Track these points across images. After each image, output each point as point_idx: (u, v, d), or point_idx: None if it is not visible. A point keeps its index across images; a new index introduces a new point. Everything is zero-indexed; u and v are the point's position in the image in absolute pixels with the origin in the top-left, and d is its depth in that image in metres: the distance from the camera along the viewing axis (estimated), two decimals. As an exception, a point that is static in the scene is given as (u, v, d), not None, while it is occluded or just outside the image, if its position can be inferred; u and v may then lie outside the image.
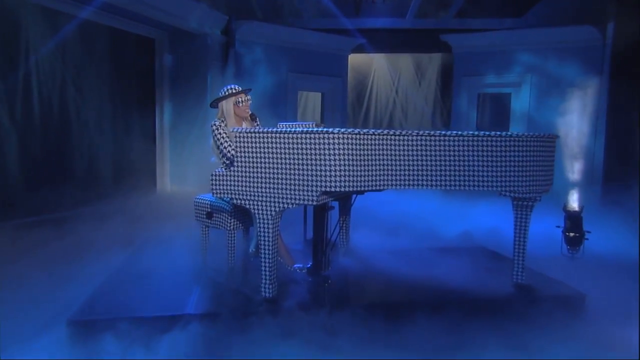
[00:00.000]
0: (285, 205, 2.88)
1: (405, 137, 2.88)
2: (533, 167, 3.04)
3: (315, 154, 2.71)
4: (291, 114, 8.51)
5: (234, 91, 3.81)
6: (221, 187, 3.09)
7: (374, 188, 2.82)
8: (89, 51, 6.41)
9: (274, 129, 2.85)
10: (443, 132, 2.91)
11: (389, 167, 2.87)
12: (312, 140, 2.72)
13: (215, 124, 3.79)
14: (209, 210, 3.86)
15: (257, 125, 3.92)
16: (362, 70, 9.64)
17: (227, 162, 3.72)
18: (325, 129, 2.71)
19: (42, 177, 5.75)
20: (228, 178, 3.05)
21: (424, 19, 8.39)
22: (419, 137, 2.89)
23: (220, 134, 3.75)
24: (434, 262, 4.04)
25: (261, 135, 2.88)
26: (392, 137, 2.86)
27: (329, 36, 8.55)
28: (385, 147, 2.84)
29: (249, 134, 2.92)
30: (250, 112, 3.93)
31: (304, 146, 2.74)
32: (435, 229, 5.20)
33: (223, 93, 3.85)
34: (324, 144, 2.69)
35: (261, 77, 7.89)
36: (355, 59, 9.29)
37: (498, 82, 8.52)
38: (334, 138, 2.68)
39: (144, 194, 7.27)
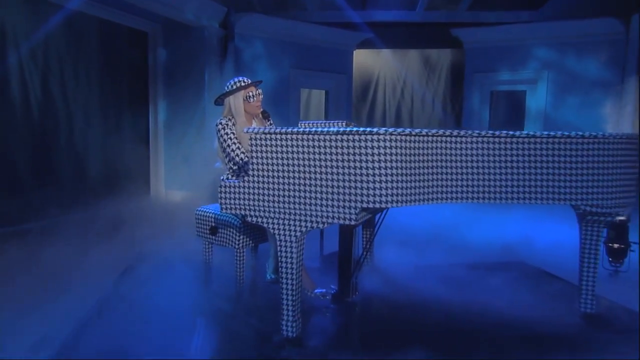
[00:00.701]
0: (315, 225, 2.27)
1: (468, 139, 2.28)
2: (616, 174, 2.45)
3: (356, 160, 2.10)
4: (294, 113, 7.88)
5: (242, 84, 3.20)
6: (233, 202, 2.47)
7: (427, 201, 2.22)
8: (76, 45, 5.75)
9: (301, 129, 2.23)
10: (511, 133, 2.31)
11: (447, 177, 2.26)
12: (352, 143, 2.10)
13: (221, 123, 3.17)
14: (214, 224, 3.24)
15: (270, 124, 3.30)
16: (367, 67, 9.03)
17: (235, 167, 3.11)
18: (369, 129, 2.10)
19: (21, 182, 5.09)
20: (241, 190, 2.42)
21: (435, 11, 7.79)
22: (483, 139, 2.28)
23: (227, 134, 3.13)
24: (474, 283, 3.45)
25: (285, 136, 2.26)
26: (452, 138, 2.26)
27: (334, 30, 7.93)
28: (441, 150, 2.24)
29: (269, 135, 2.30)
30: (262, 109, 3.32)
31: (341, 150, 2.13)
32: (467, 241, 4.59)
33: (230, 87, 3.24)
34: (367, 147, 2.08)
35: (262, 74, 7.26)
36: (359, 55, 8.68)
37: (512, 79, 7.96)
38: (380, 140, 2.07)
39: (136, 200, 6.61)
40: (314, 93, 8.96)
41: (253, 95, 3.19)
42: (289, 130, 2.24)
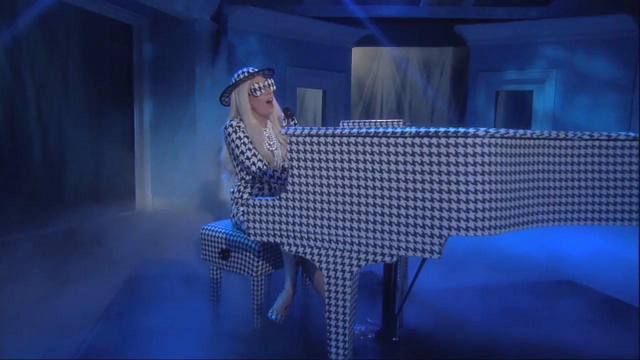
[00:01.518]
0: (380, 258, 1.68)
1: (585, 143, 1.72)
2: None
3: (445, 172, 1.52)
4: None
5: (246, 74, 2.60)
6: (266, 227, 1.84)
7: (534, 224, 1.66)
8: (52, 38, 5.04)
9: (363, 130, 1.64)
10: (631, 134, 1.77)
11: (553, 192, 1.70)
12: (440, 149, 1.52)
13: (231, 126, 2.57)
14: (225, 246, 2.62)
15: (294, 123, 2.71)
16: (364, 65, 8.48)
17: (248, 177, 2.52)
18: (463, 130, 1.53)
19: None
20: (278, 211, 1.81)
21: (440, 6, 7.29)
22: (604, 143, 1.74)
23: (239, 138, 2.53)
24: (529, 310, 2.92)
25: (340, 140, 1.66)
26: (566, 142, 1.70)
27: (333, 26, 7.35)
28: (546, 158, 1.68)
29: (318, 139, 1.70)
30: (279, 107, 2.73)
31: (421, 159, 1.55)
32: (505, 256, 4.05)
33: (234, 80, 2.64)
34: (462, 154, 1.50)
35: (256, 72, 6.63)
36: (356, 53, 8.12)
37: (519, 79, 7.51)
38: (483, 145, 1.50)
39: (120, 211, 5.92)
40: (308, 93, 8.37)
41: (260, 88, 2.58)
42: (345, 131, 1.65)
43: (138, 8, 5.92)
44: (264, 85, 2.60)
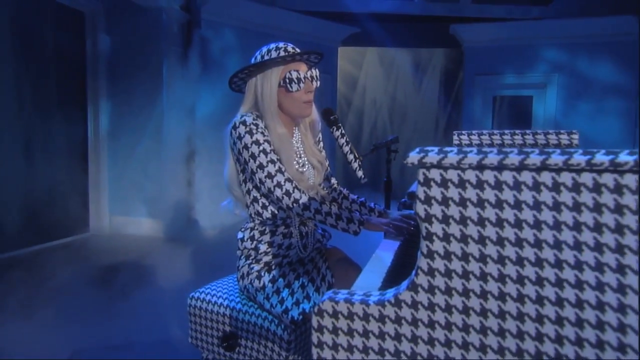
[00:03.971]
0: None
1: None
2: None
3: None
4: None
5: (283, 52, 1.62)
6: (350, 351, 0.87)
7: None
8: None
9: (572, 154, 0.71)
10: None
11: None
12: None
13: (244, 124, 1.57)
14: (230, 330, 1.63)
15: (341, 133, 1.75)
16: (351, 67, 7.58)
17: (265, 214, 1.56)
18: None
19: None
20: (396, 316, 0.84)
21: (436, 3, 6.50)
22: None
23: (258, 144, 1.58)
24: None
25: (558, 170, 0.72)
26: None
27: (318, 21, 6.43)
28: None
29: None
30: (328, 108, 1.79)
31: None
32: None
33: (260, 57, 1.64)
34: None
35: (232, 71, 5.62)
36: (342, 54, 7.23)
37: (518, 83, 6.82)
38: None
39: (69, 236, 4.76)
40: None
41: (299, 79, 1.62)
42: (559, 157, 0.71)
43: (92, -9, 4.82)
44: (305, 77, 1.63)
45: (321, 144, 1.89)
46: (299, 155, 1.73)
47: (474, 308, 0.79)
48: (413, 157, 0.79)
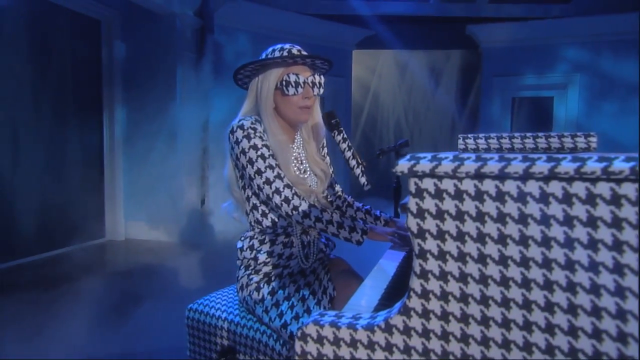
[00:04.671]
0: None
1: None
2: None
3: None
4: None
5: (284, 53, 1.54)
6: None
7: None
8: (2, 35, 3.93)
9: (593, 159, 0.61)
10: None
11: None
12: None
13: (242, 128, 1.49)
14: (229, 343, 1.55)
15: (342, 137, 1.65)
16: (365, 70, 7.48)
17: (265, 221, 1.48)
18: None
19: None
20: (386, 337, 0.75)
21: (452, 4, 6.36)
22: None
23: (255, 148, 1.49)
24: None
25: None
26: None
27: (332, 24, 6.35)
28: None
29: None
30: (320, 113, 1.70)
31: None
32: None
33: (265, 57, 1.57)
34: None
35: (247, 76, 5.58)
36: (357, 56, 7.13)
37: (538, 84, 6.62)
38: None
39: (85, 243, 4.77)
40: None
41: (298, 83, 1.53)
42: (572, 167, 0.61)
43: (108, 0, 4.84)
44: (304, 82, 1.55)
45: (325, 149, 1.80)
46: (300, 162, 1.65)
47: (474, 335, 0.69)
48: (402, 165, 0.69)
